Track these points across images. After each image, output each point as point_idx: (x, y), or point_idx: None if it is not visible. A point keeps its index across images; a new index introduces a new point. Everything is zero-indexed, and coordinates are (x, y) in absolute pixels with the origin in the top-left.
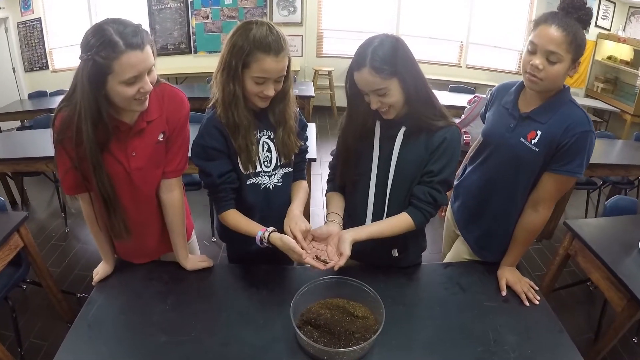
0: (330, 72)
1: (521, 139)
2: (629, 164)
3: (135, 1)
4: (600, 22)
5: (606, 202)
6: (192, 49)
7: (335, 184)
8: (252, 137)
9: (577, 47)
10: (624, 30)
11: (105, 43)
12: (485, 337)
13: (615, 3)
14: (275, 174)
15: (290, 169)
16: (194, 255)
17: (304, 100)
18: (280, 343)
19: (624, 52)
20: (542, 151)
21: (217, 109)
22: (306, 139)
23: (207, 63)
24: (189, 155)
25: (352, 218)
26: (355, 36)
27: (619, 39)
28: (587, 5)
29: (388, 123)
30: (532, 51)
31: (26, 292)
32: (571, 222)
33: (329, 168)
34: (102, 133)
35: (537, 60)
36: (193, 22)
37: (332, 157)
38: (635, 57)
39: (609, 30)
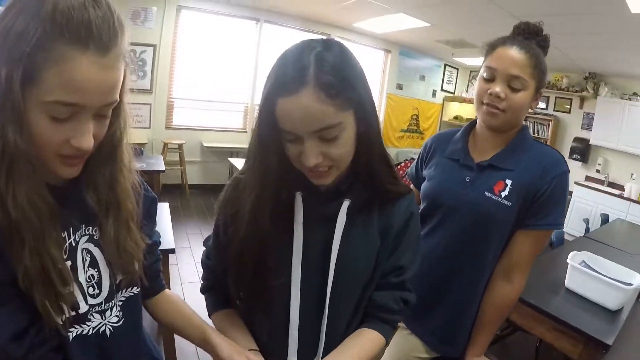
0: (181, 146)
1: (486, 193)
2: None
3: None
4: (445, 87)
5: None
6: None
7: (220, 295)
8: (51, 247)
9: (540, 73)
10: (467, 91)
11: None
12: None
13: (457, 69)
14: (110, 307)
15: (136, 290)
16: None
17: (152, 176)
18: None
19: (468, 111)
20: (516, 205)
21: None
22: (154, 224)
23: None
24: None
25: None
26: (207, 106)
27: (463, 100)
28: (544, 32)
29: (318, 196)
30: (490, 78)
31: None
32: None
33: (203, 267)
34: None
35: (498, 88)
36: None
37: (205, 249)
38: None
39: (454, 93)
